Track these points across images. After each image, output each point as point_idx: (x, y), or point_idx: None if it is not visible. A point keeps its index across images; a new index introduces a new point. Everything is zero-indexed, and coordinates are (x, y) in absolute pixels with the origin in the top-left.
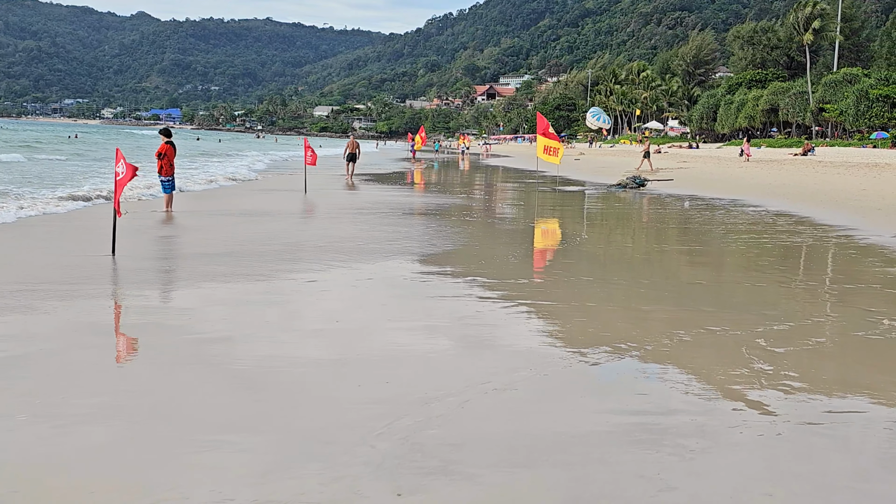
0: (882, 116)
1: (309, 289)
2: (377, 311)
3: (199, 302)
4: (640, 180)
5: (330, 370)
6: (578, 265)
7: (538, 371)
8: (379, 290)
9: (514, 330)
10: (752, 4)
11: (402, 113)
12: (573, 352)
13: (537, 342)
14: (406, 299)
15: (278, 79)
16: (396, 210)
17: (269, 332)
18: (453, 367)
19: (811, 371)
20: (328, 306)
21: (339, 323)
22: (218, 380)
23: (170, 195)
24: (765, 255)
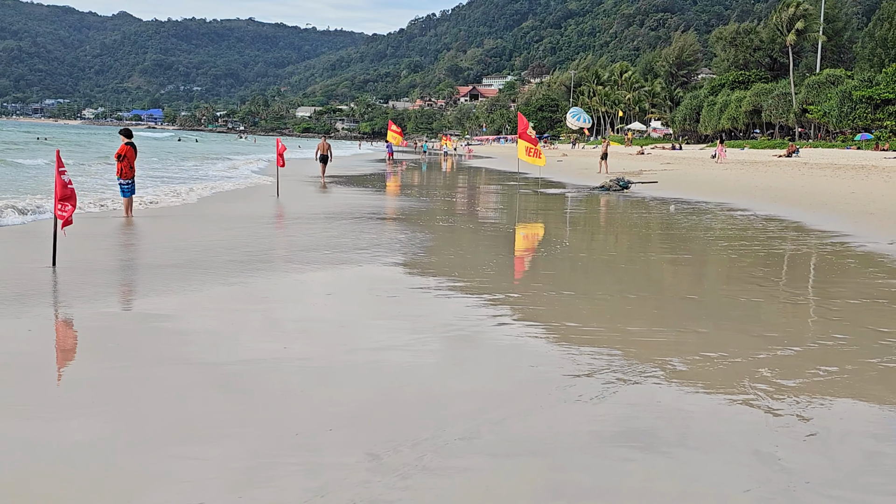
0: (865, 118)
1: (254, 304)
2: (331, 337)
3: (135, 323)
4: (624, 182)
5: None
6: (560, 276)
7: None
8: (341, 306)
9: (484, 360)
10: (735, 6)
11: (385, 114)
12: (548, 386)
13: (505, 381)
14: (367, 316)
15: (261, 79)
16: (370, 214)
17: (217, 353)
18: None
19: (825, 411)
20: (281, 325)
21: (286, 349)
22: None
23: (129, 199)
24: (758, 265)
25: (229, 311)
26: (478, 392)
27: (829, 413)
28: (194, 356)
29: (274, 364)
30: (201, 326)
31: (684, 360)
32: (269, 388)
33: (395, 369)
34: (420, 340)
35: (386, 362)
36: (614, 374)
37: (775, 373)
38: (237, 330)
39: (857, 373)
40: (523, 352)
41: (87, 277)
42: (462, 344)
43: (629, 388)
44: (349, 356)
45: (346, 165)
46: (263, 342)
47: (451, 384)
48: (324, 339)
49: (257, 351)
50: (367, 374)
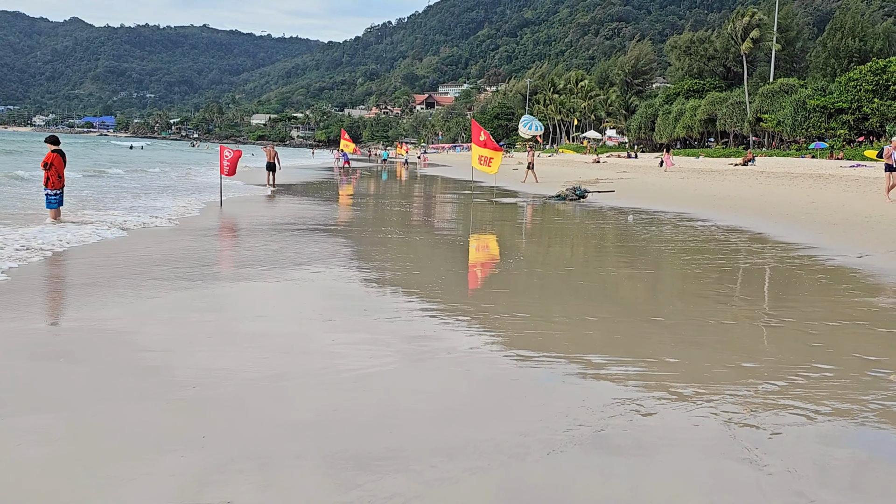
0: (819, 127)
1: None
2: (258, 362)
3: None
4: (581, 192)
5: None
6: (514, 296)
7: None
8: (275, 324)
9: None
10: (689, 16)
11: (341, 121)
12: (485, 444)
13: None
14: (304, 336)
15: (215, 86)
16: (316, 225)
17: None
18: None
19: (826, 472)
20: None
21: (195, 389)
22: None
23: (56, 210)
24: (725, 281)
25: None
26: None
27: (836, 474)
28: (140, 370)
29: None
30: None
31: (653, 397)
32: (220, 401)
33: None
34: (342, 366)
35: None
36: (568, 431)
37: (760, 419)
38: (172, 346)
39: (855, 415)
40: (463, 395)
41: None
42: (387, 378)
43: (578, 453)
44: (288, 370)
45: (296, 175)
46: (200, 357)
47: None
48: (266, 353)
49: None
50: (315, 387)
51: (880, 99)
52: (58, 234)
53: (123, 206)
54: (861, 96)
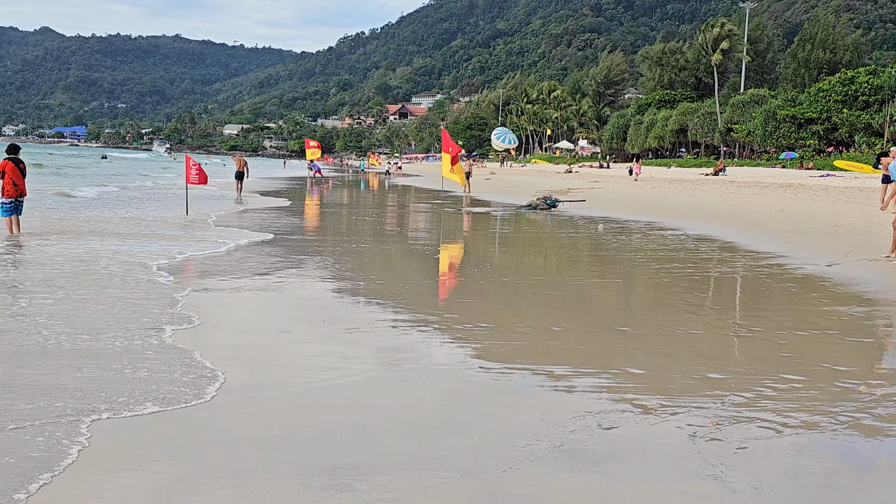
0: (789, 137)
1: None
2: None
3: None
4: (552, 201)
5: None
6: (479, 305)
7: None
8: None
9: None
10: (660, 27)
11: (314, 132)
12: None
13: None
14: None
15: (187, 97)
16: (286, 234)
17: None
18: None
19: (794, 489)
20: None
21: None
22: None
23: (9, 220)
24: (694, 290)
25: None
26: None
27: (801, 484)
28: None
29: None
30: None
31: (617, 410)
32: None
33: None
34: (295, 379)
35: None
36: (526, 447)
37: (727, 432)
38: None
39: (824, 427)
40: (426, 401)
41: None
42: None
43: (533, 469)
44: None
45: (269, 186)
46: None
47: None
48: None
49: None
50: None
51: (849, 109)
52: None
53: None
54: (830, 107)
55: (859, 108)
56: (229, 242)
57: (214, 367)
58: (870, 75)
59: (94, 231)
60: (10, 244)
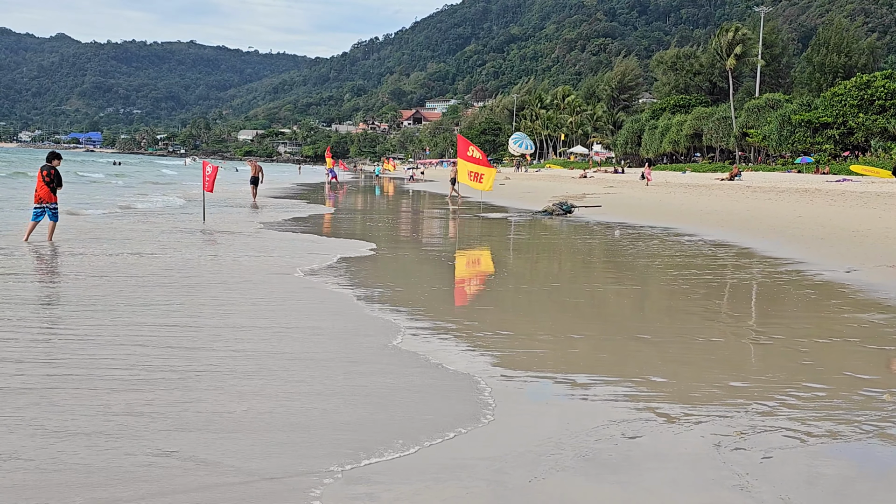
0: (805, 141)
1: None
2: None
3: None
4: (567, 207)
5: None
6: (497, 312)
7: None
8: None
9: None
10: (675, 32)
11: (328, 137)
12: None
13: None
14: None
15: (202, 102)
16: (303, 238)
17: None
18: None
19: (819, 499)
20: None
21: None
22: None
23: (32, 224)
24: (713, 297)
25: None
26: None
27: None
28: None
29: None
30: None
31: (640, 419)
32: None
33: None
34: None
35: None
36: (552, 455)
37: (751, 442)
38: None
39: (849, 437)
40: (447, 401)
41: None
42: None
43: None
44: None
45: (284, 192)
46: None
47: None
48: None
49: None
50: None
51: (865, 114)
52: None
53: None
54: (846, 111)
55: (875, 112)
56: (333, 256)
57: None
58: (886, 79)
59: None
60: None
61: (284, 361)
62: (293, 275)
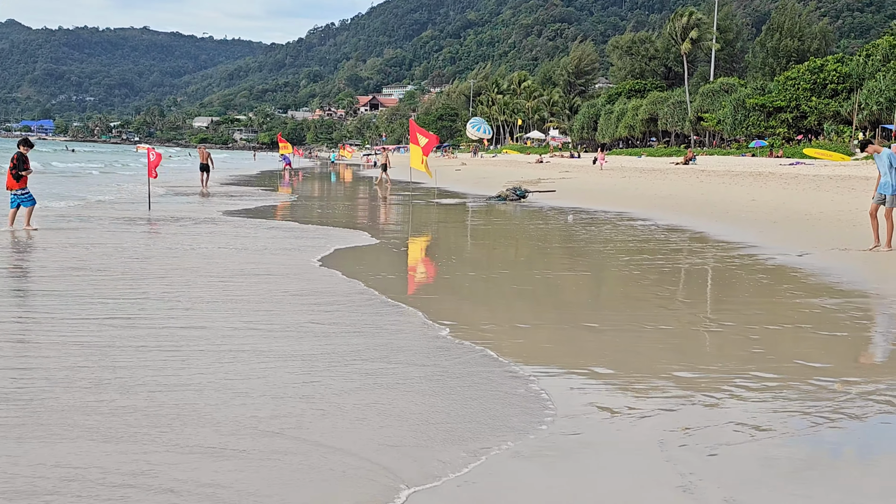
0: (759, 125)
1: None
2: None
3: None
4: (521, 192)
5: None
6: (441, 300)
7: None
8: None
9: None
10: (630, 17)
11: (284, 124)
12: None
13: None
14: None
15: (156, 89)
16: (251, 225)
17: None
18: None
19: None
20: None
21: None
22: None
23: (12, 211)
24: (664, 283)
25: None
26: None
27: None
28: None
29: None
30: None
31: (580, 414)
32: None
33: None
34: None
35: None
36: (486, 449)
37: (697, 437)
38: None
39: (799, 431)
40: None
41: None
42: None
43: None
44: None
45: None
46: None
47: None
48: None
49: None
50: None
51: (818, 97)
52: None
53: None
54: (799, 95)
55: (828, 96)
56: (327, 248)
57: None
58: (838, 63)
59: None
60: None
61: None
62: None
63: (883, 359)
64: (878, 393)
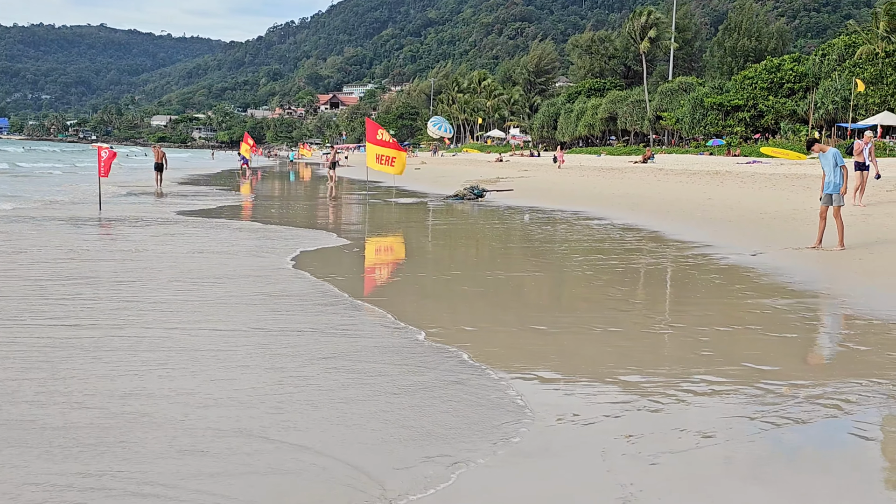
0: (717, 124)
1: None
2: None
3: None
4: (479, 191)
5: None
6: (390, 303)
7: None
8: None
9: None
10: (590, 16)
11: (244, 122)
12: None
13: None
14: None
15: (114, 87)
16: (200, 226)
17: None
18: None
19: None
20: None
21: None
22: None
23: None
24: (617, 284)
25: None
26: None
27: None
28: None
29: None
30: None
31: (519, 421)
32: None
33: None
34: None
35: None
36: (409, 468)
37: (641, 445)
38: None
39: (747, 438)
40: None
41: None
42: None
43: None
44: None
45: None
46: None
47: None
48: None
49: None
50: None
51: (774, 96)
52: None
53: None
54: (756, 94)
55: (784, 95)
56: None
57: None
58: (794, 62)
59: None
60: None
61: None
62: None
63: (830, 361)
64: (826, 397)
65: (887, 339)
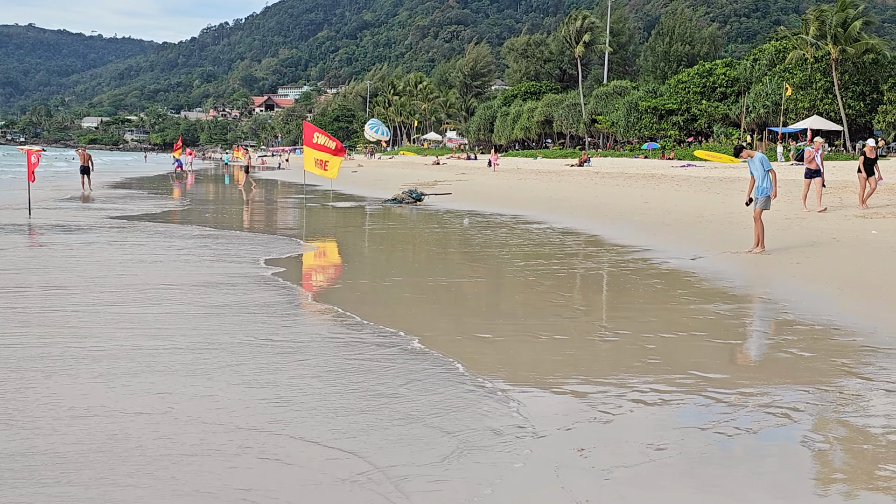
0: (651, 127)
1: None
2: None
3: None
4: (417, 195)
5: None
6: (319, 314)
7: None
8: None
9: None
10: (525, 20)
11: (177, 124)
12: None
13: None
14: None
15: (43, 88)
16: (126, 231)
17: None
18: None
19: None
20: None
21: None
22: None
23: None
24: (559, 289)
25: None
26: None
27: None
28: None
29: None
30: None
31: (456, 437)
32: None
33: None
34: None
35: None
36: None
37: (593, 459)
38: None
39: (698, 450)
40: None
41: None
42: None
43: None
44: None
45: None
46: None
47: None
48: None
49: None
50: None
51: (707, 100)
52: None
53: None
54: (689, 98)
55: (717, 99)
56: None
57: None
58: (726, 67)
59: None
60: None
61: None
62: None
63: (777, 368)
64: (775, 405)
65: (830, 344)
